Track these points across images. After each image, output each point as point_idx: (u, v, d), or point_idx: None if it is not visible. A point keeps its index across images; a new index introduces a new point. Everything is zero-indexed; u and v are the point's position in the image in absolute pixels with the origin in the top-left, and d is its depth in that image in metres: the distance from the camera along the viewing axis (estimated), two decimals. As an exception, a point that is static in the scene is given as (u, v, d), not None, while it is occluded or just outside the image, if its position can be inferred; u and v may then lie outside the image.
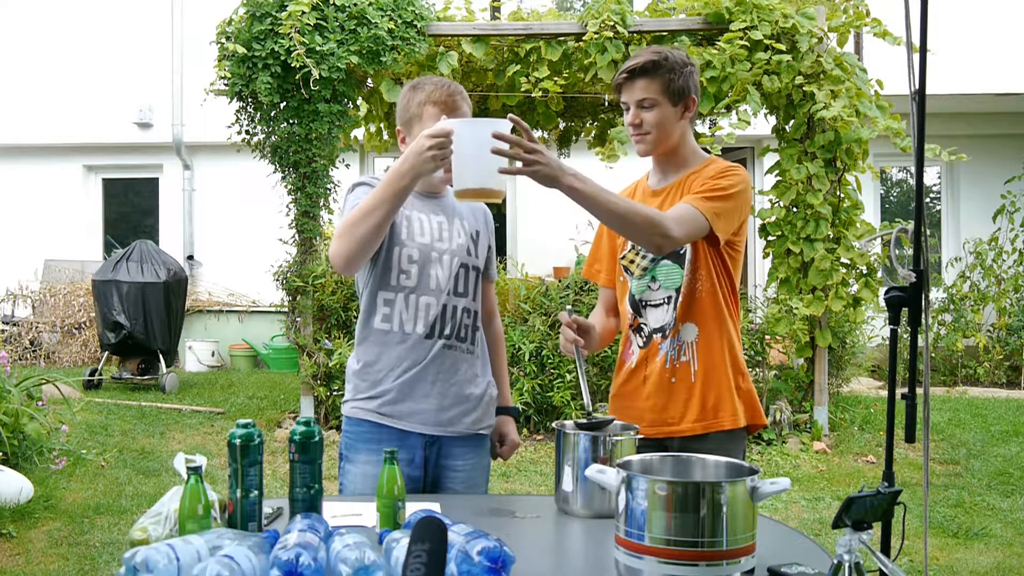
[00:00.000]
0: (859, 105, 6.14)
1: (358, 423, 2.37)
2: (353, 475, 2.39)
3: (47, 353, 10.04)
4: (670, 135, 2.33)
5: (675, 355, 2.32)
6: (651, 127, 2.30)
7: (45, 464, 5.25)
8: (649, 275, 2.36)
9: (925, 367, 2.60)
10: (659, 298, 2.35)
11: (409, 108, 2.36)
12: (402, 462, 2.32)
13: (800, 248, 6.25)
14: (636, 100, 2.29)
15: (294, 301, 6.84)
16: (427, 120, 2.30)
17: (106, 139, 10.92)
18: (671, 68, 2.27)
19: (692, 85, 2.32)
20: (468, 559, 1.50)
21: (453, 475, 2.40)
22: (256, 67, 6.36)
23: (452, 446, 2.39)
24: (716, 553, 1.52)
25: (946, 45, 6.63)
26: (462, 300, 2.38)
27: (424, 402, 2.33)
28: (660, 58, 2.27)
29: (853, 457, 6.08)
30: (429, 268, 2.33)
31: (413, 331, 2.32)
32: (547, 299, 6.96)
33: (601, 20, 6.27)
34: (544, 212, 10.50)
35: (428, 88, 2.35)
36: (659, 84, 2.27)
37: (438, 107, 2.31)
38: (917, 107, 2.26)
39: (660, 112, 2.29)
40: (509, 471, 5.61)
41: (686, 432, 2.29)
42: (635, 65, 2.28)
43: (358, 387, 2.38)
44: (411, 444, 2.34)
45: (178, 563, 1.46)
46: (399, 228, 2.33)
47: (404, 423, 2.33)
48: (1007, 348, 8.95)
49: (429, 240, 2.35)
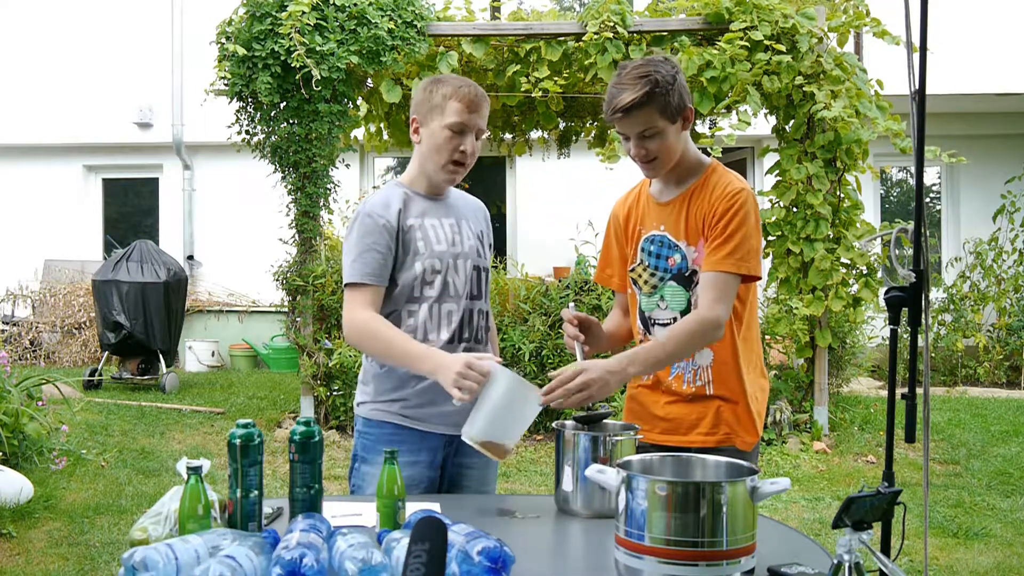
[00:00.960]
0: (859, 105, 6.14)
1: (379, 425, 2.37)
2: (371, 476, 2.37)
3: (47, 353, 10.04)
4: (675, 153, 2.27)
5: (692, 378, 2.30)
6: (656, 153, 2.23)
7: (45, 464, 5.25)
8: (658, 294, 2.34)
9: (925, 367, 2.59)
10: (667, 317, 2.32)
11: (432, 99, 2.35)
12: (422, 464, 2.34)
13: (800, 248, 6.25)
14: (637, 132, 2.21)
15: (294, 301, 6.83)
16: (449, 114, 2.31)
17: (106, 139, 10.91)
18: (664, 91, 2.16)
19: (685, 96, 2.22)
20: (468, 559, 1.50)
21: (468, 472, 2.43)
22: (256, 67, 6.35)
23: (467, 444, 2.41)
24: (716, 553, 1.52)
25: (946, 45, 6.63)
26: (477, 303, 2.41)
27: (447, 404, 2.34)
28: (651, 87, 2.15)
29: (853, 457, 6.08)
30: (448, 275, 2.35)
31: (437, 338, 2.33)
32: (547, 299, 6.96)
33: (601, 20, 6.27)
34: (544, 212, 10.51)
35: (454, 83, 2.35)
36: (656, 110, 2.17)
37: (463, 103, 2.31)
38: (917, 107, 2.26)
39: (662, 137, 2.21)
40: (509, 471, 5.60)
41: (698, 444, 2.27)
42: (629, 102, 2.15)
43: (379, 389, 2.38)
44: (432, 445, 2.36)
45: (177, 563, 1.46)
46: (417, 242, 2.34)
47: (426, 425, 2.35)
48: (1007, 348, 8.95)
49: (446, 247, 2.37)
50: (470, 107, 2.32)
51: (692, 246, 2.28)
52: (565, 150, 8.73)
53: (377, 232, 2.30)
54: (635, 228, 2.40)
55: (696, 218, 2.27)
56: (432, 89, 2.36)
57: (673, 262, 2.30)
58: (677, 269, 2.30)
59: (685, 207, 2.30)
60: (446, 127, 2.32)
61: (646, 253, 2.35)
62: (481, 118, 2.36)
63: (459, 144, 2.34)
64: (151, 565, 1.44)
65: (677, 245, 2.30)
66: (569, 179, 10.07)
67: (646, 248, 2.36)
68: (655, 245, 2.34)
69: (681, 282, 2.30)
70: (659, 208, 2.36)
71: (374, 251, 2.30)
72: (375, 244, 2.30)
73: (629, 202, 2.46)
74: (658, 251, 2.33)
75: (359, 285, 2.30)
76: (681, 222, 2.29)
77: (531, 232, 10.72)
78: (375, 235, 2.30)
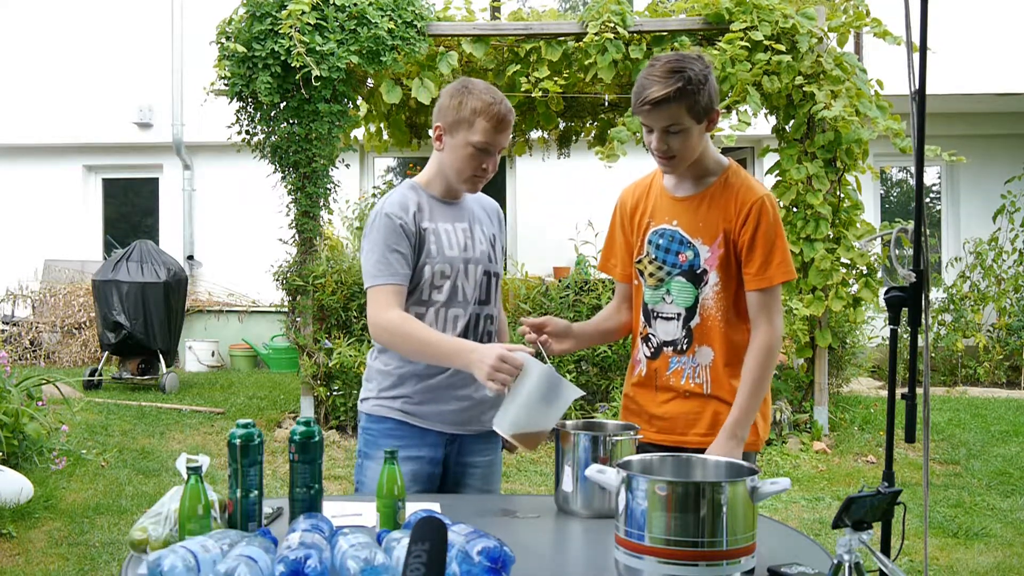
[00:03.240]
0: (859, 105, 6.14)
1: (381, 420, 2.38)
2: (374, 472, 2.38)
3: (47, 353, 10.04)
4: (695, 152, 2.24)
5: (691, 374, 2.29)
6: (678, 151, 2.20)
7: (45, 464, 5.25)
8: (664, 287, 2.32)
9: (925, 367, 2.59)
10: (671, 312, 2.31)
11: (460, 111, 2.30)
12: (424, 460, 2.35)
13: (800, 248, 6.25)
14: (662, 127, 2.17)
15: (294, 301, 6.83)
16: (476, 132, 2.29)
17: (106, 139, 10.91)
18: (696, 89, 2.13)
19: (714, 96, 2.20)
20: (468, 559, 1.50)
21: (472, 471, 2.44)
22: (256, 67, 6.35)
23: (471, 443, 2.42)
24: (716, 553, 1.52)
25: (946, 45, 6.62)
26: (485, 308, 2.41)
27: (447, 404, 2.36)
28: (683, 83, 2.11)
29: (853, 457, 6.07)
30: (458, 280, 2.35)
31: None
32: (547, 299, 6.96)
33: (601, 20, 6.27)
34: (544, 212, 10.51)
35: (485, 98, 2.29)
36: (685, 108, 2.14)
37: (491, 124, 2.28)
38: (917, 107, 2.26)
39: (686, 135, 2.18)
40: (509, 471, 5.60)
41: (694, 444, 2.26)
42: (658, 97, 2.11)
43: (381, 385, 2.39)
44: (432, 442, 2.37)
45: (198, 564, 1.47)
46: (428, 245, 2.33)
47: (426, 422, 2.36)
48: (1007, 348, 8.95)
49: (457, 252, 2.36)
50: (498, 127, 2.29)
51: (707, 245, 2.26)
52: (565, 150, 8.73)
53: (397, 233, 2.30)
54: (643, 219, 2.37)
55: (715, 220, 2.25)
56: (462, 100, 2.30)
57: (684, 258, 2.28)
58: (688, 266, 2.28)
59: (704, 206, 2.28)
60: (471, 144, 2.29)
61: (653, 246, 2.33)
62: (507, 136, 2.34)
63: (482, 162, 2.33)
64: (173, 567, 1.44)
65: (691, 242, 2.28)
66: (569, 179, 10.07)
67: (654, 241, 2.33)
68: (664, 239, 2.31)
69: (691, 279, 2.28)
70: (673, 202, 2.33)
71: (397, 252, 2.30)
72: (397, 244, 2.30)
73: (639, 192, 2.42)
74: (667, 245, 2.31)
75: (386, 285, 2.29)
76: (699, 220, 2.27)
77: (531, 232, 10.71)
78: (396, 236, 2.30)
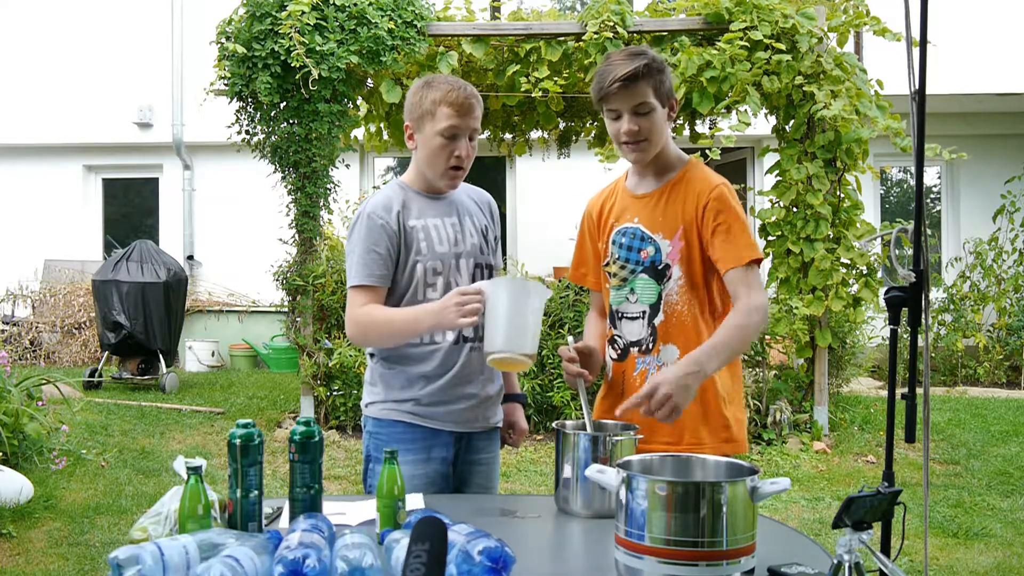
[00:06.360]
0: (859, 105, 6.14)
1: (391, 424, 2.37)
2: None
3: (47, 353, 10.04)
4: (662, 138, 2.26)
5: (655, 374, 2.23)
6: (648, 133, 2.22)
7: (45, 464, 5.25)
8: (628, 286, 2.31)
9: (925, 367, 2.59)
10: (635, 312, 2.29)
11: (422, 104, 2.33)
12: (436, 461, 2.35)
13: (800, 248, 6.25)
14: (632, 107, 2.19)
15: (294, 301, 6.83)
16: (440, 120, 2.30)
17: (106, 139, 10.91)
18: (660, 68, 2.20)
19: (672, 87, 2.26)
20: (469, 559, 1.49)
21: (477, 469, 2.45)
22: (256, 67, 6.35)
23: (476, 441, 2.43)
24: (716, 553, 1.52)
25: (947, 44, 6.62)
26: None
27: (457, 403, 2.36)
28: (648, 60, 2.18)
29: (853, 457, 6.08)
30: (450, 276, 2.35)
31: (444, 340, 2.33)
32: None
33: (601, 20, 6.27)
34: (544, 212, 10.50)
35: (444, 87, 2.32)
36: (650, 87, 2.18)
37: (453, 108, 2.29)
38: (917, 107, 2.26)
39: (654, 116, 2.21)
40: (509, 471, 5.60)
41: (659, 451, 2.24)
42: (626, 74, 2.15)
43: (389, 389, 2.38)
44: (444, 442, 2.37)
45: (163, 560, 1.46)
46: (418, 242, 2.33)
47: (437, 423, 2.36)
48: (1007, 348, 8.95)
49: (448, 248, 2.36)
50: (460, 111, 2.30)
51: (668, 240, 2.25)
52: (565, 150, 8.73)
53: (378, 233, 2.30)
54: (607, 221, 2.38)
55: (674, 214, 2.25)
56: (422, 94, 2.34)
57: (646, 255, 2.28)
58: (650, 262, 2.27)
59: (663, 201, 2.28)
60: (438, 133, 2.30)
61: (616, 246, 2.33)
62: (474, 120, 2.34)
63: (454, 149, 2.32)
64: (138, 560, 1.44)
65: (652, 238, 2.27)
66: (569, 179, 10.06)
67: (617, 240, 2.33)
68: (627, 237, 2.31)
69: (653, 275, 2.27)
70: (634, 200, 2.34)
71: (375, 252, 2.30)
72: (376, 245, 2.30)
73: (603, 197, 2.43)
74: (630, 243, 2.30)
75: (362, 287, 2.30)
76: (658, 215, 2.27)
77: (531, 232, 10.71)
78: (376, 236, 2.30)
